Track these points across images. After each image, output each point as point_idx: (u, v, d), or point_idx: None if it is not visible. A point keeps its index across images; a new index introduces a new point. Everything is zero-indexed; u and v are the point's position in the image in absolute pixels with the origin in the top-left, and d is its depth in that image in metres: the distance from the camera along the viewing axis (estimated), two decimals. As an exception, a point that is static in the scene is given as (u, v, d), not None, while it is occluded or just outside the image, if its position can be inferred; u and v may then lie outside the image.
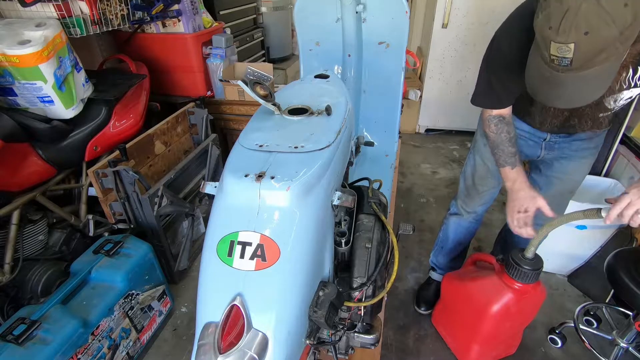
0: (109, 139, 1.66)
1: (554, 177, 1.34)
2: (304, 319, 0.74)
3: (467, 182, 1.52)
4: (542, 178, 1.38)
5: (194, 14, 2.13)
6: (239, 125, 2.37)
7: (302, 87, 1.21)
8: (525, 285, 1.23)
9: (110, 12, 1.63)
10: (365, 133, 1.98)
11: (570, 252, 1.87)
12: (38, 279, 1.44)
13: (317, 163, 0.77)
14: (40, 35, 1.32)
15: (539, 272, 1.20)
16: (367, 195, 1.03)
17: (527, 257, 1.20)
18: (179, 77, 2.25)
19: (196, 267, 2.03)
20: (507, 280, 1.25)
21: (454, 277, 1.53)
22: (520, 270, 1.20)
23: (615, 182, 1.89)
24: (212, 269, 0.71)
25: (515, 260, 1.21)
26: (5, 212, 1.33)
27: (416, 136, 3.47)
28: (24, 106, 1.43)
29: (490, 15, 2.80)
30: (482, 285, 1.35)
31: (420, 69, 3.34)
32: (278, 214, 0.71)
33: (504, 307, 1.27)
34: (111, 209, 1.62)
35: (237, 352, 0.63)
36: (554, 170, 1.33)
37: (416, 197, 2.61)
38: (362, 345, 1.04)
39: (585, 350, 1.57)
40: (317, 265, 0.78)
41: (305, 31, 1.71)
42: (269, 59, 3.75)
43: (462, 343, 1.52)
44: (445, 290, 1.59)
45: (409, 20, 1.55)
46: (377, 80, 1.79)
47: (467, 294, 1.42)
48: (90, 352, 1.26)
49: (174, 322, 1.73)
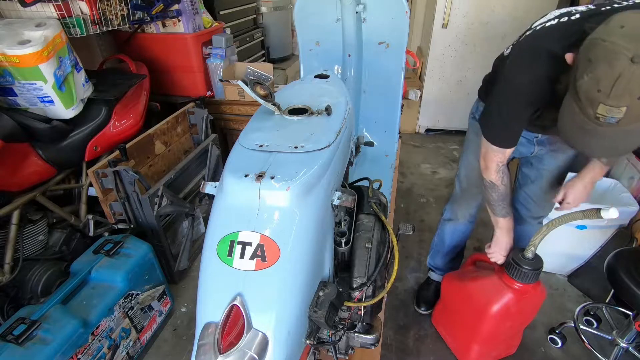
0: (109, 139, 1.66)
1: (545, 170, 1.35)
2: (304, 319, 0.74)
3: (462, 185, 1.52)
4: (533, 171, 1.39)
5: (194, 14, 2.13)
6: (239, 125, 2.37)
7: (302, 87, 1.21)
8: (525, 285, 1.23)
9: (110, 12, 1.63)
10: (365, 133, 1.98)
11: (570, 252, 1.87)
12: (38, 279, 1.44)
13: (317, 163, 0.77)
14: (40, 35, 1.32)
15: (539, 272, 1.21)
16: (367, 195, 1.03)
17: (527, 257, 1.20)
18: (179, 77, 2.25)
19: (196, 267, 2.03)
20: (507, 280, 1.26)
21: (454, 277, 1.53)
22: (520, 270, 1.20)
23: (615, 182, 1.89)
24: (212, 269, 0.71)
25: (515, 261, 1.21)
26: (5, 212, 1.33)
27: (416, 136, 3.47)
28: (24, 106, 1.43)
29: (490, 15, 2.80)
30: (482, 285, 1.35)
31: (420, 69, 3.34)
32: (278, 214, 0.71)
33: (503, 307, 1.27)
34: (111, 209, 1.62)
35: (237, 352, 0.63)
36: (545, 163, 1.34)
37: (416, 197, 2.61)
38: (362, 345, 1.04)
39: (585, 350, 1.57)
40: (317, 265, 0.78)
41: (305, 31, 1.71)
42: (269, 59, 3.74)
43: (462, 343, 1.52)
44: (445, 290, 1.59)
45: (409, 20, 1.55)
46: (377, 80, 1.79)
47: (467, 294, 1.42)
48: (90, 352, 1.26)
49: (174, 322, 1.73)
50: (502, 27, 2.81)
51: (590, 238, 1.81)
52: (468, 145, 1.45)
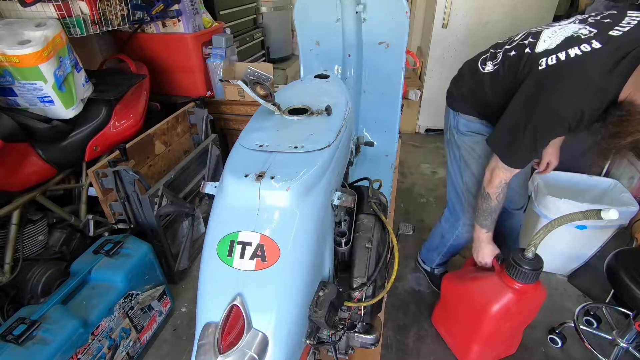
0: (109, 139, 1.66)
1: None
2: (304, 319, 0.74)
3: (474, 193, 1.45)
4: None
5: (194, 14, 2.13)
6: (239, 125, 2.37)
7: (302, 87, 1.21)
8: (526, 286, 1.23)
9: (110, 12, 1.63)
10: (365, 133, 1.98)
11: (570, 252, 1.87)
12: (38, 279, 1.44)
13: (317, 163, 0.77)
14: (40, 35, 1.32)
15: (539, 272, 1.21)
16: (367, 195, 1.03)
17: (527, 257, 1.20)
18: (179, 77, 2.26)
19: (196, 267, 2.03)
20: (507, 280, 1.25)
21: (454, 277, 1.53)
22: (520, 271, 1.20)
23: (615, 182, 1.89)
24: (212, 269, 0.71)
25: (515, 261, 1.21)
26: (5, 212, 1.33)
27: (416, 136, 3.47)
28: (24, 106, 1.43)
29: (490, 16, 2.80)
30: (482, 285, 1.35)
31: (420, 69, 3.34)
32: (278, 214, 0.71)
33: (504, 307, 1.27)
34: (111, 209, 1.62)
35: (237, 352, 0.63)
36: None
37: (416, 197, 2.61)
38: (362, 345, 1.04)
39: (585, 350, 1.57)
40: (317, 266, 0.78)
41: (305, 31, 1.71)
42: (269, 59, 3.75)
43: (462, 343, 1.52)
44: (445, 290, 1.59)
45: (409, 20, 1.55)
46: (377, 80, 1.79)
47: (467, 294, 1.42)
48: (90, 352, 1.26)
49: (174, 322, 1.73)
50: (502, 27, 2.81)
51: (590, 238, 1.80)
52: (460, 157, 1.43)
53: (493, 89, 1.20)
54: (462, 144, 1.40)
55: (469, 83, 1.29)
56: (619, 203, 1.75)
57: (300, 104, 1.01)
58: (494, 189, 1.21)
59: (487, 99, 1.23)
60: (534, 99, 1.01)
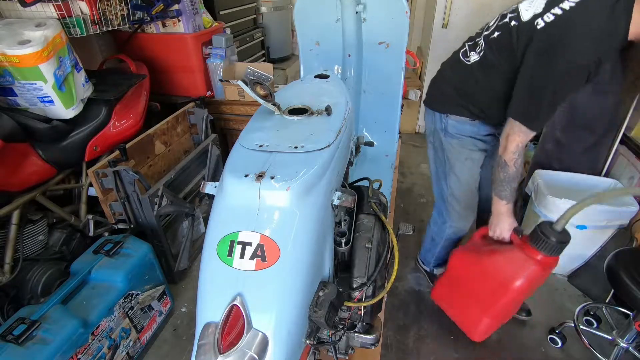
0: (109, 139, 1.66)
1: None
2: (304, 319, 0.74)
3: (465, 193, 1.47)
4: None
5: (194, 14, 2.13)
6: (239, 125, 2.37)
7: (302, 87, 1.21)
8: (550, 258, 1.19)
9: (110, 12, 1.63)
10: (365, 133, 1.98)
11: (570, 252, 1.84)
12: (38, 279, 1.44)
13: (317, 163, 0.77)
14: (40, 35, 1.32)
15: (565, 246, 1.17)
16: (367, 195, 1.03)
17: (557, 229, 1.16)
18: (179, 77, 2.25)
19: (196, 267, 2.02)
20: (531, 252, 1.21)
21: (464, 252, 1.48)
22: (548, 242, 1.16)
23: (615, 182, 1.89)
24: (212, 269, 0.71)
25: (544, 232, 1.18)
26: (5, 212, 1.33)
27: (416, 136, 3.47)
28: (24, 106, 1.43)
29: (490, 16, 2.78)
30: (501, 259, 1.30)
31: (420, 69, 3.34)
32: (278, 214, 0.71)
33: (527, 279, 1.23)
34: (111, 209, 1.62)
35: (237, 352, 0.63)
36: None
37: (416, 197, 2.61)
38: (362, 345, 1.04)
39: (585, 350, 1.57)
40: (317, 266, 0.78)
41: (305, 31, 1.71)
42: (269, 59, 3.74)
43: (470, 317, 1.47)
44: (454, 265, 1.52)
45: (409, 20, 1.55)
46: (377, 80, 1.79)
47: (482, 269, 1.36)
48: (90, 352, 1.26)
49: (174, 322, 1.73)
50: (502, 27, 2.80)
51: (590, 238, 1.80)
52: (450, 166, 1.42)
53: (485, 74, 1.20)
54: (448, 146, 1.39)
55: (452, 80, 1.30)
56: (619, 203, 1.74)
57: (300, 104, 1.01)
58: (510, 155, 1.17)
59: (475, 89, 1.23)
60: (546, 57, 1.01)
